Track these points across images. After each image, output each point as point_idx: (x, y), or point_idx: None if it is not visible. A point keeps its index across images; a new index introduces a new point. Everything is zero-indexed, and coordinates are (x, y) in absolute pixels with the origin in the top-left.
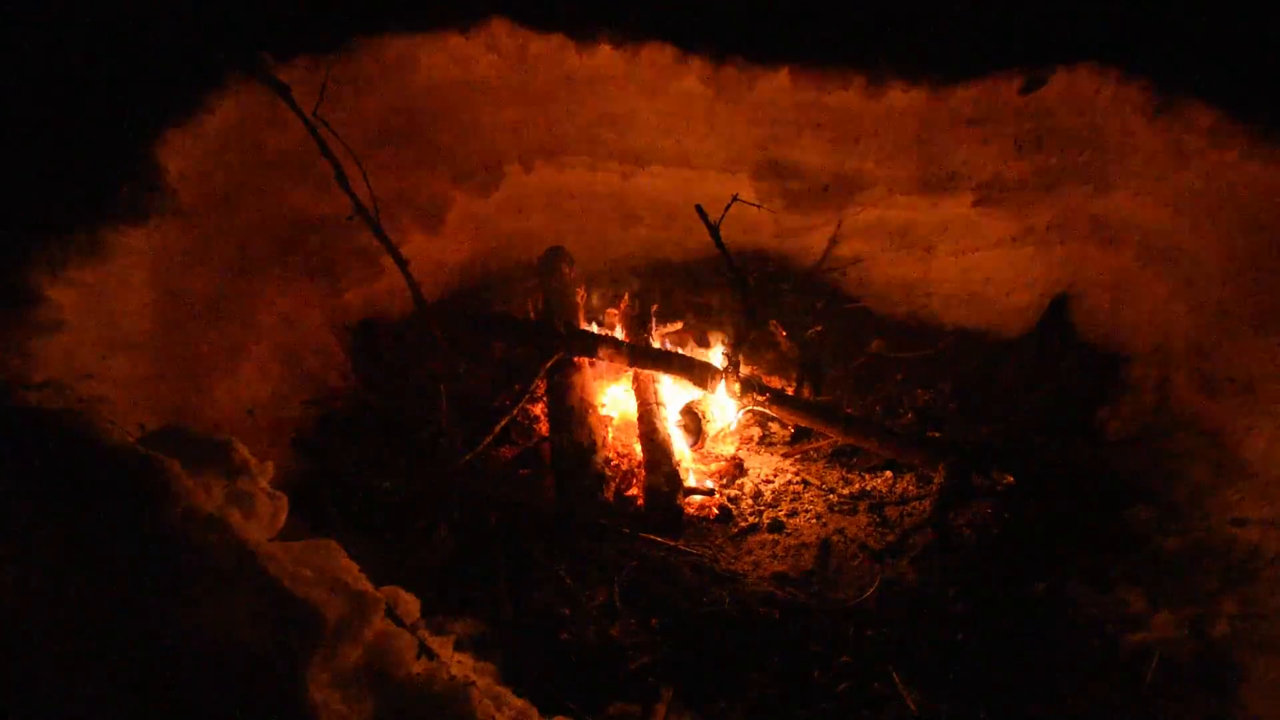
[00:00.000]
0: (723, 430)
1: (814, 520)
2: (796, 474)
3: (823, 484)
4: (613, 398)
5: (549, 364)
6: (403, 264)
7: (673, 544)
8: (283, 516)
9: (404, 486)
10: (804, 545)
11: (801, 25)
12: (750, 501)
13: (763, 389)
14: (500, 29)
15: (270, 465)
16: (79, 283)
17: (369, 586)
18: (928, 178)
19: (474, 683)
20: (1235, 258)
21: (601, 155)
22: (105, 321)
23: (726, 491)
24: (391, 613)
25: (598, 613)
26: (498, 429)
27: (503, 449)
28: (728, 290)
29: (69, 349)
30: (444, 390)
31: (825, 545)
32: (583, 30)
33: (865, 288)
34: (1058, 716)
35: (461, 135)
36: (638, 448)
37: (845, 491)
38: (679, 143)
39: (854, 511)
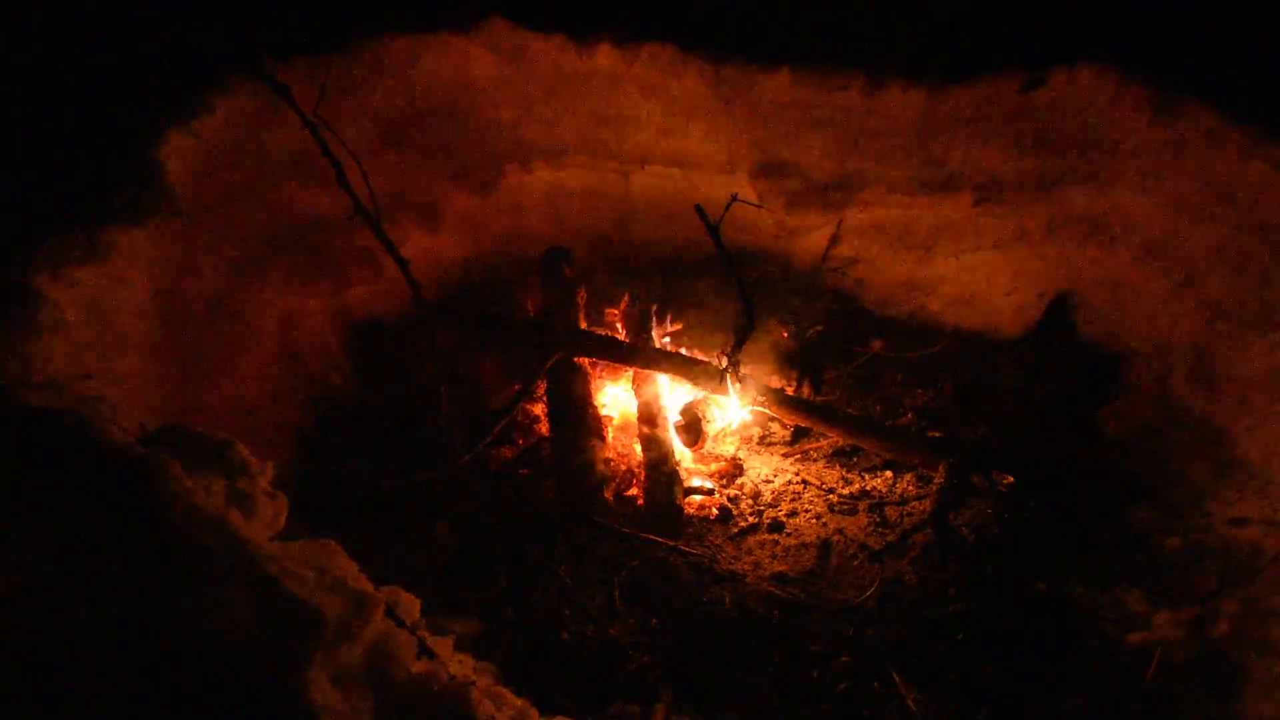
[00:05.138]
0: (723, 430)
1: (814, 520)
2: (796, 474)
3: (823, 484)
4: (613, 398)
5: (549, 364)
6: (403, 264)
7: (673, 544)
8: (283, 516)
9: (404, 486)
10: (804, 545)
11: (801, 25)
12: (750, 501)
13: (763, 389)
14: (500, 29)
15: (270, 465)
16: (79, 283)
17: (369, 586)
18: (927, 178)
19: (474, 683)
20: (1235, 258)
21: (601, 155)
22: (105, 321)
23: (726, 491)
24: (391, 613)
25: (598, 613)
26: (498, 429)
27: (503, 449)
28: (728, 290)
29: (69, 349)
30: (444, 390)
31: (825, 545)
32: (583, 30)
33: (865, 288)
34: (1058, 716)
35: (461, 135)
36: (638, 448)
37: (845, 491)
38: (679, 143)
39: (854, 511)
